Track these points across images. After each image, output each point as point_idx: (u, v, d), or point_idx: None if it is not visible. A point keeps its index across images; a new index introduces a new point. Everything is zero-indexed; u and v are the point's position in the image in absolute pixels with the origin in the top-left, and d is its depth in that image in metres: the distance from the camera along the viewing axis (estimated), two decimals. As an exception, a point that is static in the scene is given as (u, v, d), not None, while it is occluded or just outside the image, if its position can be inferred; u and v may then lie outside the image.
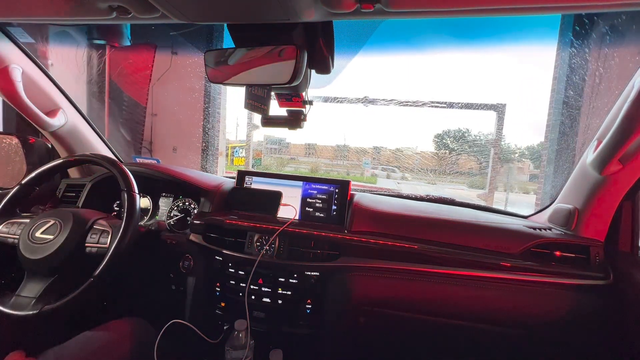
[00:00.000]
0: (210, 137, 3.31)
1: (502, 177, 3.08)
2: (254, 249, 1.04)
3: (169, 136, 3.34)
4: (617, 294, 0.89)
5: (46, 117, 1.13)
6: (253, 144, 3.95)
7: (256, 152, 3.89)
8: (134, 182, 0.92)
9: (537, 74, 3.05)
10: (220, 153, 3.54)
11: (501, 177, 3.08)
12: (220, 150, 3.56)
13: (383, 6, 0.49)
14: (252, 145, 3.90)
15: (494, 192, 2.99)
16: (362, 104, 2.74)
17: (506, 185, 3.17)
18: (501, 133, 2.84)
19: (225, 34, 3.18)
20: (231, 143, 3.89)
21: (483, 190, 3.13)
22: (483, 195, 3.04)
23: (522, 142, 3.36)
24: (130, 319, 0.90)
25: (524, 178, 3.36)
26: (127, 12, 0.60)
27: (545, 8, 0.49)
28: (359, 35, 2.06)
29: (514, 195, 3.17)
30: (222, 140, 3.68)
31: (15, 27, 1.07)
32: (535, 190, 2.49)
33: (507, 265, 0.93)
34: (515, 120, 2.93)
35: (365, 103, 2.73)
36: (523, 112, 3.32)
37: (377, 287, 1.00)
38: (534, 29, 2.17)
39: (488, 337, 1.00)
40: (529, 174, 3.33)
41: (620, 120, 0.76)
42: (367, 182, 4.23)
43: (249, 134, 3.90)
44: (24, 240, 0.82)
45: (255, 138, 4.22)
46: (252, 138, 3.96)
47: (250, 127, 3.75)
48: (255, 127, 3.79)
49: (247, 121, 3.74)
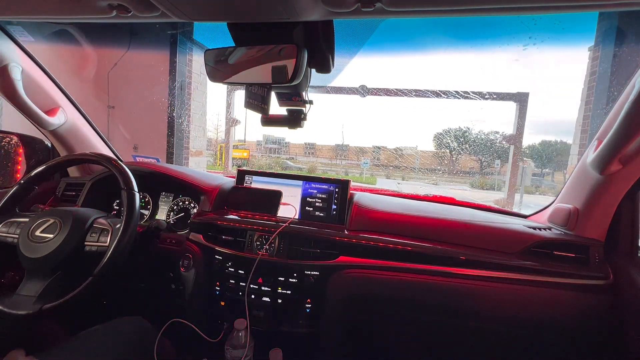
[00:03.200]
0: (179, 135, 3.07)
1: (521, 177, 2.67)
2: (254, 248, 1.04)
3: (130, 131, 3.07)
4: (617, 293, 0.89)
5: (46, 115, 1.13)
6: (230, 141, 3.63)
7: (240, 151, 3.52)
8: (133, 180, 0.92)
9: (568, 59, 2.56)
10: (198, 153, 3.39)
11: (520, 178, 2.66)
12: (198, 150, 3.40)
13: (384, 5, 0.49)
14: (232, 143, 3.62)
15: (513, 196, 2.60)
16: (360, 95, 2.54)
17: (537, 189, 2.84)
18: (522, 127, 2.46)
19: (196, 30, 2.99)
20: (220, 143, 3.74)
21: (500, 195, 2.77)
22: (502, 201, 2.70)
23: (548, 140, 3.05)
24: (131, 318, 0.90)
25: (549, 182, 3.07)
26: (127, 10, 0.60)
27: (545, 8, 0.49)
28: (359, 34, 2.06)
29: (544, 199, 2.83)
30: (201, 139, 3.48)
31: (15, 26, 1.07)
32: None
33: (507, 265, 0.93)
34: (539, 113, 2.66)
35: (363, 94, 2.53)
36: (548, 103, 2.98)
37: (377, 287, 1.00)
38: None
39: (488, 337, 1.00)
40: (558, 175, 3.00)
41: (621, 120, 0.76)
42: (366, 183, 4.19)
43: (227, 130, 3.59)
44: (24, 239, 0.82)
45: (254, 137, 4.10)
46: (233, 135, 3.66)
47: (229, 122, 3.50)
48: (236, 122, 3.53)
49: (226, 115, 3.48)
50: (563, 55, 2.68)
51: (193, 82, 3.29)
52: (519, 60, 2.23)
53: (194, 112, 3.36)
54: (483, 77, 3.17)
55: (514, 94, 2.51)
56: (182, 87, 3.10)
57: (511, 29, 2.27)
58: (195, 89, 3.37)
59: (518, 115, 2.44)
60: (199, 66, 3.33)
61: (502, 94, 2.53)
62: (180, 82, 3.08)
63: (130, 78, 3.02)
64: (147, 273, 1.15)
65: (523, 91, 2.49)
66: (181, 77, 3.09)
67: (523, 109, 2.43)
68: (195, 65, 3.27)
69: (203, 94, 3.61)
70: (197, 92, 3.46)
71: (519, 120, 2.45)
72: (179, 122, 3.07)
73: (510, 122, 2.51)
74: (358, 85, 2.58)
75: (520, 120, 2.45)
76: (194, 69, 3.27)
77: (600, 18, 1.86)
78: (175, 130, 3.07)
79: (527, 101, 2.44)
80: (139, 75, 3.05)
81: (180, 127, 3.10)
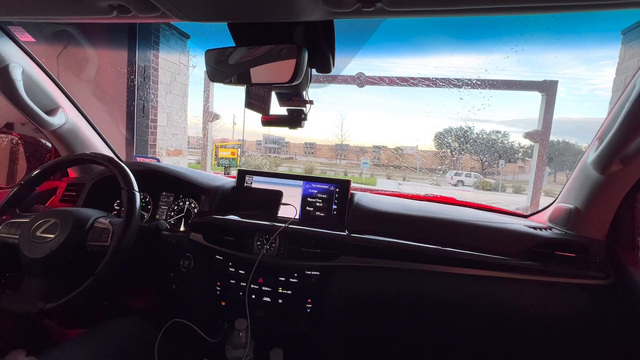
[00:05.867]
0: (142, 130, 2.68)
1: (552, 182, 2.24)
2: (255, 248, 1.04)
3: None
4: (618, 293, 0.89)
5: (46, 116, 1.13)
6: (207, 139, 3.29)
7: (228, 150, 3.05)
8: (133, 180, 0.92)
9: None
10: (177, 152, 3.18)
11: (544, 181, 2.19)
12: (177, 148, 3.17)
13: (384, 5, 0.49)
14: (211, 139, 3.28)
15: (538, 202, 2.21)
16: (357, 85, 2.25)
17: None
18: (550, 121, 2.05)
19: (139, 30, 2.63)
20: (215, 142, 3.55)
21: (519, 198, 2.25)
22: (523, 209, 2.34)
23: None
24: (131, 318, 0.90)
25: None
26: (127, 11, 0.60)
27: (546, 7, 0.49)
28: (359, 34, 2.06)
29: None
30: (180, 136, 3.19)
31: (16, 26, 1.07)
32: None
33: (508, 265, 0.93)
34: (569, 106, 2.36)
35: (361, 83, 2.21)
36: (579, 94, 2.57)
37: (378, 287, 1.00)
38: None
39: (488, 337, 1.00)
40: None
41: (622, 120, 0.76)
42: (366, 184, 4.15)
43: (205, 126, 3.22)
44: (25, 239, 0.82)
45: (254, 137, 3.96)
46: (211, 131, 3.31)
47: (207, 117, 3.17)
48: (215, 116, 3.18)
49: (204, 109, 3.15)
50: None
51: (168, 72, 2.92)
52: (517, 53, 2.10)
53: (171, 106, 3.04)
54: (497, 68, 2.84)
55: (539, 83, 2.16)
56: (147, 76, 2.67)
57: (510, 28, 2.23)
58: (173, 81, 3.06)
59: (545, 108, 2.08)
60: (178, 55, 3.05)
61: (525, 82, 2.22)
62: (144, 70, 2.62)
63: (81, 67, 2.51)
64: (147, 273, 1.15)
65: (551, 79, 2.13)
66: (144, 63, 2.63)
67: (551, 100, 2.09)
68: (168, 52, 2.86)
69: (184, 86, 3.26)
70: (176, 84, 3.15)
71: (545, 113, 2.09)
72: (140, 116, 2.64)
73: (528, 117, 2.22)
74: (355, 73, 2.25)
75: (547, 114, 2.07)
76: (163, 55, 2.81)
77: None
78: (136, 126, 2.64)
79: (555, 91, 2.12)
80: (92, 64, 2.52)
81: (143, 122, 2.69)
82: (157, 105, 2.87)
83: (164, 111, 3.09)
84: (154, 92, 2.81)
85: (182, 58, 3.36)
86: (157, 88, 2.84)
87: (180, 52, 3.34)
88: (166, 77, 3.10)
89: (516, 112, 9.58)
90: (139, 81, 2.63)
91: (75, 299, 0.77)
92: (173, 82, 3.14)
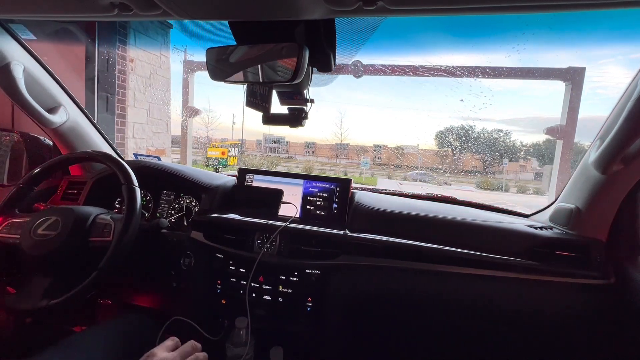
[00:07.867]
0: (105, 129, 2.17)
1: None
2: (255, 246, 1.05)
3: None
4: (618, 293, 0.89)
5: (47, 114, 1.13)
6: (187, 137, 2.99)
7: (217, 149, 2.83)
8: (133, 175, 0.91)
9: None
10: (160, 152, 3.01)
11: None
12: (159, 148, 2.99)
13: (385, 4, 0.49)
14: (191, 136, 2.97)
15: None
16: (353, 75, 2.00)
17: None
18: (576, 114, 1.75)
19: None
20: (214, 141, 3.38)
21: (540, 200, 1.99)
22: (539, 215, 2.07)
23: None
24: (132, 316, 0.91)
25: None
26: (128, 9, 0.60)
27: (546, 7, 0.49)
28: (360, 33, 2.05)
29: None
30: (162, 135, 2.98)
31: (17, 24, 1.07)
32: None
33: (508, 265, 0.93)
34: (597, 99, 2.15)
35: (357, 73, 1.99)
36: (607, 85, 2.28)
37: (378, 286, 1.00)
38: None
39: (489, 336, 1.01)
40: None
41: (623, 119, 0.75)
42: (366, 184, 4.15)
43: (185, 122, 2.92)
44: (26, 237, 0.82)
45: (255, 137, 3.88)
46: (191, 128, 3.01)
47: (187, 112, 2.88)
48: (196, 112, 2.88)
49: (182, 102, 2.86)
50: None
51: (147, 65, 2.62)
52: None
53: (151, 102, 2.75)
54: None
55: (563, 70, 1.85)
56: (109, 66, 2.34)
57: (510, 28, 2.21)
58: (153, 74, 2.76)
59: (570, 99, 1.79)
60: (159, 46, 2.72)
61: (546, 70, 1.89)
62: (107, 60, 2.28)
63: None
64: (148, 271, 1.15)
65: (577, 66, 1.81)
66: (109, 53, 2.29)
67: (577, 90, 1.81)
68: (146, 43, 2.52)
69: (166, 80, 2.95)
70: (157, 78, 2.85)
71: (570, 105, 1.81)
72: (103, 112, 2.37)
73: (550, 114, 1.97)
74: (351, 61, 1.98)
75: (573, 106, 1.79)
76: (140, 46, 2.48)
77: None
78: (98, 123, 2.46)
79: (582, 79, 1.81)
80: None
81: (107, 118, 2.42)
82: (126, 100, 2.54)
83: (143, 107, 2.79)
84: (120, 84, 2.46)
85: (163, 50, 3.01)
86: (125, 79, 2.50)
87: (162, 44, 3.00)
88: (145, 69, 2.78)
89: (516, 111, 9.55)
90: (102, 73, 2.30)
91: (79, 294, 0.77)
92: (154, 75, 2.84)
